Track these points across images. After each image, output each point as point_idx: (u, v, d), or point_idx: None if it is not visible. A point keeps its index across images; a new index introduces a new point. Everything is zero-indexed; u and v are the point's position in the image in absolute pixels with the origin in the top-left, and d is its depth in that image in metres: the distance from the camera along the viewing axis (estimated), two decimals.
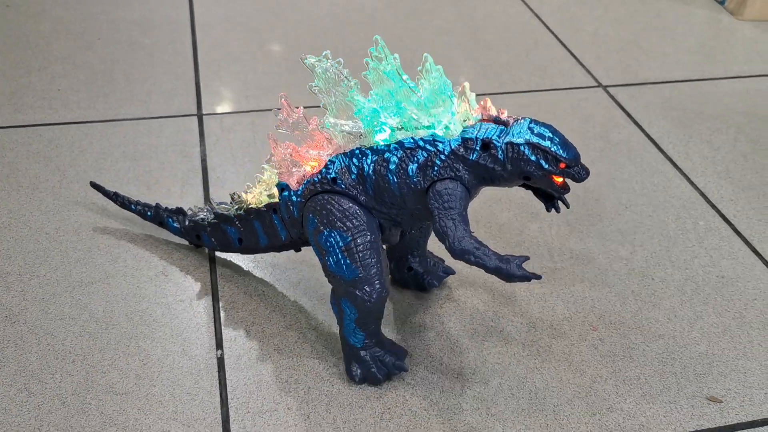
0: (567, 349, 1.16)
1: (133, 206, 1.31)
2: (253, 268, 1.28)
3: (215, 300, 1.22)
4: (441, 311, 1.22)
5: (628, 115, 1.75)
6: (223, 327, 1.17)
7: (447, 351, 1.15)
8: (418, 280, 1.22)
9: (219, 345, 1.15)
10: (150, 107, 1.69)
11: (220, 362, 1.12)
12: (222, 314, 1.19)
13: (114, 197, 1.33)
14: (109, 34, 1.97)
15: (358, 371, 1.08)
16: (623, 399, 1.09)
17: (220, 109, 1.70)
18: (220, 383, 1.09)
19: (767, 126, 1.72)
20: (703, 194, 1.50)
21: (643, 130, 1.69)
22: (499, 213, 1.42)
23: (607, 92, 1.84)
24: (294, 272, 1.27)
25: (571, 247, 1.35)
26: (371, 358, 1.07)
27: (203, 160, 1.53)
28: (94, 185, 1.35)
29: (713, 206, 1.47)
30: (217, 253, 1.30)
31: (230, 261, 1.29)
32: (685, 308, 1.24)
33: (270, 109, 1.71)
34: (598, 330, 1.20)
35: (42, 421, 1.02)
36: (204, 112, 1.68)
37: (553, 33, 2.10)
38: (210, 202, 1.24)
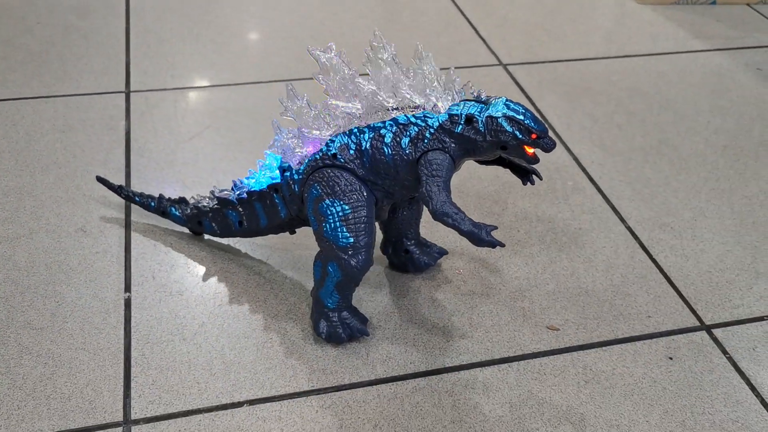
0: (433, 289, 1.34)
1: (137, 198, 1.42)
2: (165, 226, 1.44)
3: (128, 251, 1.38)
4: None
5: (522, 89, 1.92)
6: (132, 274, 1.33)
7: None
8: (414, 260, 1.35)
9: (128, 289, 1.31)
10: (81, 85, 1.84)
11: (127, 303, 1.28)
12: (132, 263, 1.35)
13: (118, 190, 1.44)
14: (48, 18, 2.11)
15: (325, 329, 1.21)
16: (475, 329, 1.27)
17: (146, 87, 1.85)
18: (125, 320, 1.25)
19: (645, 100, 1.91)
20: (576, 159, 1.68)
21: (533, 103, 1.87)
22: None
23: (507, 70, 2.01)
24: None
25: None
26: (338, 320, 1.21)
27: (127, 133, 1.69)
28: (100, 179, 1.45)
29: (583, 169, 1.65)
30: (133, 215, 1.46)
31: (144, 220, 1.45)
32: (542, 254, 1.42)
33: (194, 87, 1.86)
34: (462, 273, 1.37)
35: None
36: (131, 90, 1.84)
37: (465, 16, 2.27)
38: (212, 190, 1.34)
